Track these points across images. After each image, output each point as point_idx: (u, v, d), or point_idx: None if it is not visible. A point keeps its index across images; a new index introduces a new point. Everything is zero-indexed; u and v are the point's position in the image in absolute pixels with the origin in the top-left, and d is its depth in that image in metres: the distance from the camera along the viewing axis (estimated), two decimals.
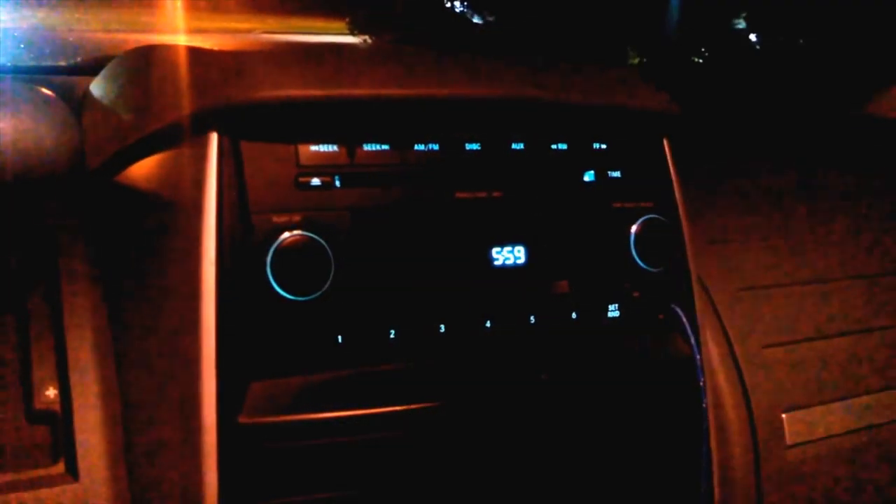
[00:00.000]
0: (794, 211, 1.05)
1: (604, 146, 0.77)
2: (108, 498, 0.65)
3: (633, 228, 0.76)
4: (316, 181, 0.65)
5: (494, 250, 0.71)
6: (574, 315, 0.74)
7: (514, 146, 0.73)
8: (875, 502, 0.96)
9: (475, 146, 0.71)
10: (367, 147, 0.67)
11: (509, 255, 0.71)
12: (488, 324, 0.70)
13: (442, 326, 0.69)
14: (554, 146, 0.75)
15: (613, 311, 0.76)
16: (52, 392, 0.67)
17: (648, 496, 0.77)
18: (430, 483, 0.68)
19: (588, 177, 0.76)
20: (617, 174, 0.77)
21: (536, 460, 0.72)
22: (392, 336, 0.67)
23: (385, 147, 0.68)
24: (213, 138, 0.63)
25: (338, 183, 0.66)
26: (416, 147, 0.69)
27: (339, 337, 0.65)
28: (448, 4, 1.00)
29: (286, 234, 0.63)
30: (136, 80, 0.73)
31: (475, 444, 0.69)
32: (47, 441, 0.67)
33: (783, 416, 0.92)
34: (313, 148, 0.66)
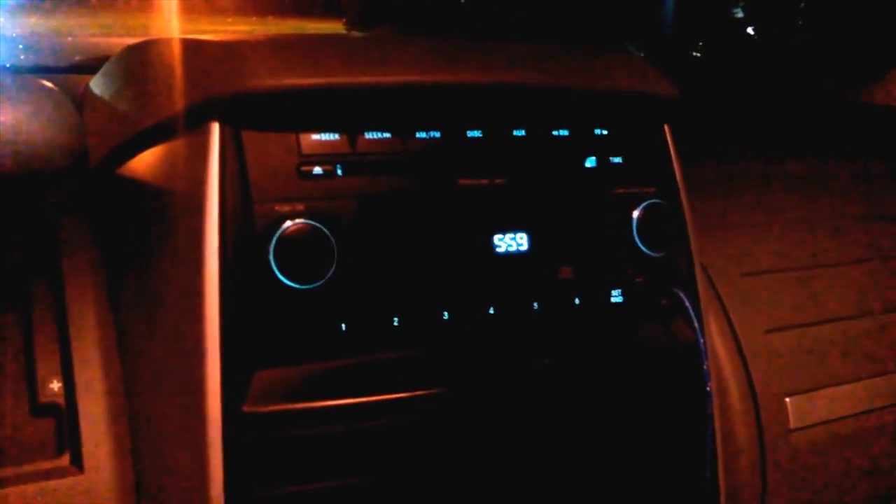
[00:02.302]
0: (795, 196, 1.05)
1: (605, 132, 0.77)
2: (114, 489, 0.65)
3: (636, 213, 0.76)
4: (318, 170, 0.65)
5: (497, 237, 0.71)
6: (577, 301, 0.74)
7: (515, 133, 0.73)
8: (880, 486, 0.96)
9: (477, 133, 0.71)
10: (368, 135, 0.67)
11: (512, 242, 0.71)
12: (492, 310, 0.70)
13: (445, 313, 0.69)
14: (555, 132, 0.75)
15: (617, 297, 0.76)
16: (56, 385, 0.67)
17: (653, 481, 0.77)
18: (435, 470, 0.68)
19: (590, 163, 0.76)
20: (618, 160, 0.77)
21: (541, 446, 0.72)
22: (396, 323, 0.67)
23: (386, 135, 0.68)
24: (215, 128, 0.63)
25: (340, 171, 0.66)
26: (417, 134, 0.69)
27: (343, 325, 0.65)
28: None
29: (289, 223, 0.63)
30: (135, 73, 0.73)
31: (480, 431, 0.69)
32: (52, 434, 0.67)
33: (787, 399, 0.91)
34: (315, 137, 0.65)
